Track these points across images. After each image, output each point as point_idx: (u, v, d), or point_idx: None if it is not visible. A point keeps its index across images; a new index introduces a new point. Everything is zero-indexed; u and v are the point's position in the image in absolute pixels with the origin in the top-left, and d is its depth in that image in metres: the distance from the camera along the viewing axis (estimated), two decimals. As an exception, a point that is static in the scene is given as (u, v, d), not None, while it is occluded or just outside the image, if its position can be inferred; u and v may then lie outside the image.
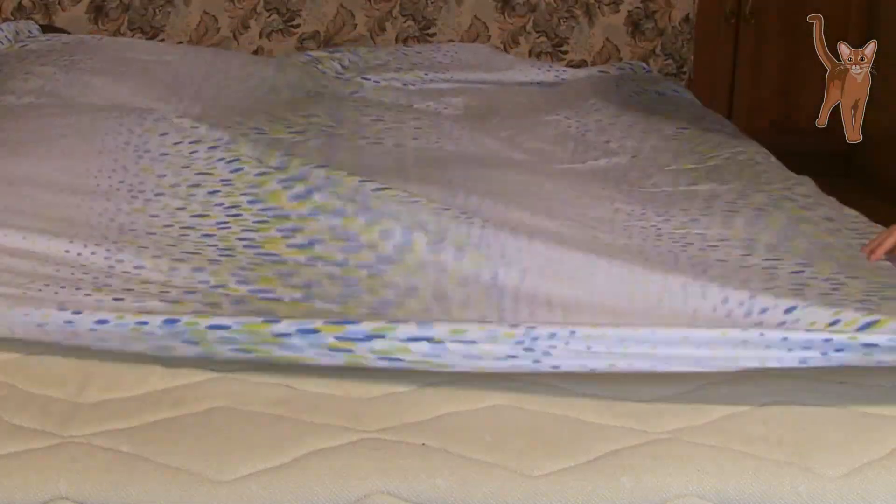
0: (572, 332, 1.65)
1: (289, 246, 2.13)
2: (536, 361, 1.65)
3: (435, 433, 1.59)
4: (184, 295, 1.93)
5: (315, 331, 1.69)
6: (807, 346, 1.64)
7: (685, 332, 1.65)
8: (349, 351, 1.68)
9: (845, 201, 2.58)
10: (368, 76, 3.64)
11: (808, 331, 1.67)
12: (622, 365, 1.65)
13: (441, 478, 1.51)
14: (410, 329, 1.67)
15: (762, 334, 1.64)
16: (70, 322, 1.75)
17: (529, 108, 3.41)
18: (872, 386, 1.74)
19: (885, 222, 2.34)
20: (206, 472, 1.51)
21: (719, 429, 1.62)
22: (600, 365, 1.65)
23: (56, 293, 1.88)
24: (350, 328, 1.69)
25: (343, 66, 3.70)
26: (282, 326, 1.70)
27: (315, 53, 3.79)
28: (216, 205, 2.29)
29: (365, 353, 1.68)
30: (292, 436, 1.57)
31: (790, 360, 1.64)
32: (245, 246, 2.14)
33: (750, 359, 1.64)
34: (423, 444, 1.56)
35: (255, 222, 2.21)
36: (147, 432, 1.58)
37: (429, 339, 1.67)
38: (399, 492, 1.50)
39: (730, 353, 1.64)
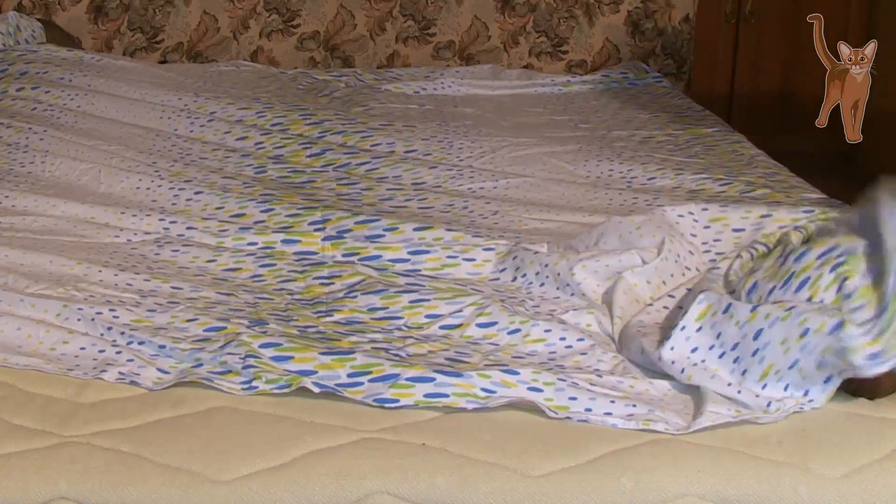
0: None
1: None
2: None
3: (435, 433, 1.59)
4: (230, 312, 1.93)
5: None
6: None
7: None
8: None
9: (845, 201, 2.57)
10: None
11: None
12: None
13: (441, 477, 1.51)
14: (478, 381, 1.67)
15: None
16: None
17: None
18: (872, 386, 1.74)
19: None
20: (206, 472, 1.51)
21: (719, 429, 1.62)
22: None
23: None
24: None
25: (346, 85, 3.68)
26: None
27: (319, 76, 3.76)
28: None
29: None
30: (292, 436, 1.57)
31: None
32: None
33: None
34: (423, 444, 1.56)
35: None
36: (147, 432, 1.58)
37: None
38: (399, 492, 1.50)
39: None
